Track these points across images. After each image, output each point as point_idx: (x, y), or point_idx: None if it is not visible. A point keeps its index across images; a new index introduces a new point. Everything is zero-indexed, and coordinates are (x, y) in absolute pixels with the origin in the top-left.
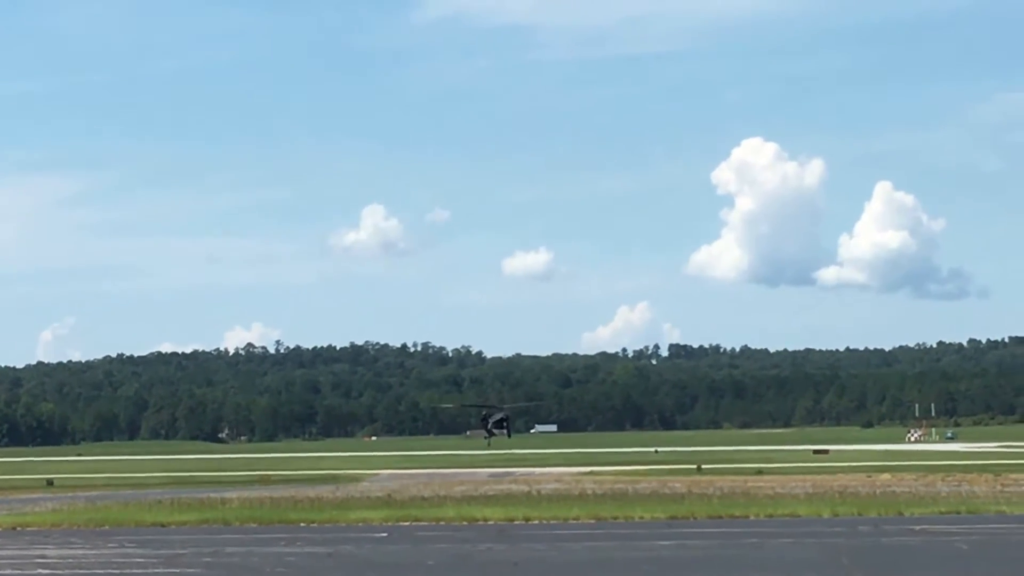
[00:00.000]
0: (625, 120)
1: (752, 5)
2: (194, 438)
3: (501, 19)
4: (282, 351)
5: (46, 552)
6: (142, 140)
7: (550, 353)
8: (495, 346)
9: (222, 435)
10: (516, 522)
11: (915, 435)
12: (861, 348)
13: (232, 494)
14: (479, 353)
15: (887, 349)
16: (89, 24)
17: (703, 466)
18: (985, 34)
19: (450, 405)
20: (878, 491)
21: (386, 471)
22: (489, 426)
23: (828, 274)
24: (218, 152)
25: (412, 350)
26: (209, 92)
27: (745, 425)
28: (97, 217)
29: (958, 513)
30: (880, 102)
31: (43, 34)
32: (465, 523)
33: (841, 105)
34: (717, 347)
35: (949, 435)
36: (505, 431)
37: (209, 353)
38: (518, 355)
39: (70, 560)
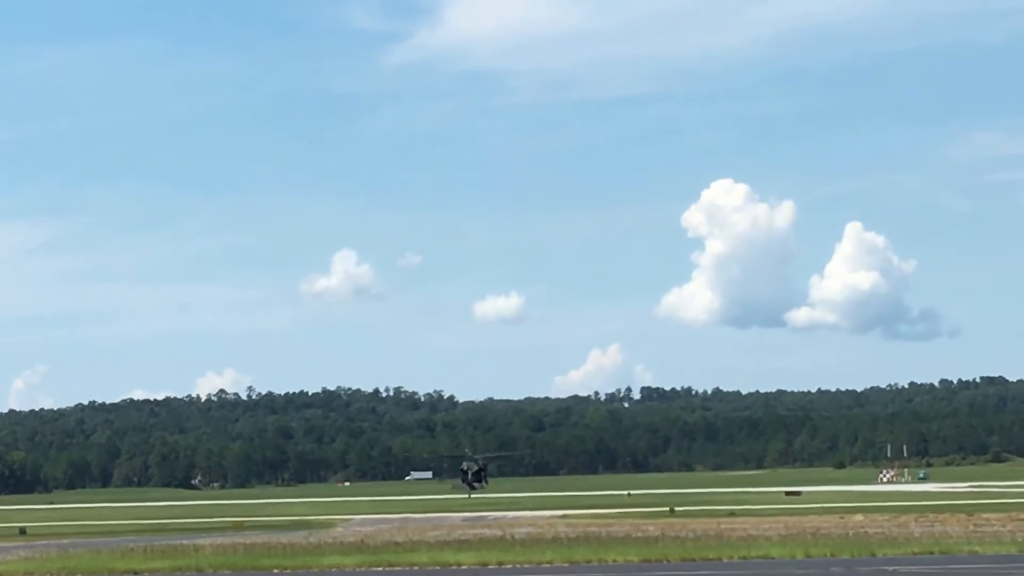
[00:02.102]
0: (594, 163)
1: (720, 48)
2: (167, 485)
3: (469, 64)
4: (254, 397)
5: None
6: (112, 187)
7: (522, 397)
8: (467, 390)
9: (195, 482)
10: (490, 567)
11: (887, 476)
12: (833, 389)
13: (205, 541)
14: (451, 397)
15: (859, 390)
16: (59, 71)
17: (676, 508)
18: (955, 75)
19: (425, 454)
20: (851, 532)
21: (359, 516)
22: (469, 478)
23: (799, 315)
24: (188, 198)
25: (384, 395)
26: (179, 139)
27: (717, 467)
28: (68, 264)
29: (931, 553)
30: (850, 143)
31: (12, 82)
32: (439, 568)
33: (811, 146)
34: (689, 389)
35: (921, 475)
36: (484, 482)
37: (181, 400)
38: (490, 399)
39: None
